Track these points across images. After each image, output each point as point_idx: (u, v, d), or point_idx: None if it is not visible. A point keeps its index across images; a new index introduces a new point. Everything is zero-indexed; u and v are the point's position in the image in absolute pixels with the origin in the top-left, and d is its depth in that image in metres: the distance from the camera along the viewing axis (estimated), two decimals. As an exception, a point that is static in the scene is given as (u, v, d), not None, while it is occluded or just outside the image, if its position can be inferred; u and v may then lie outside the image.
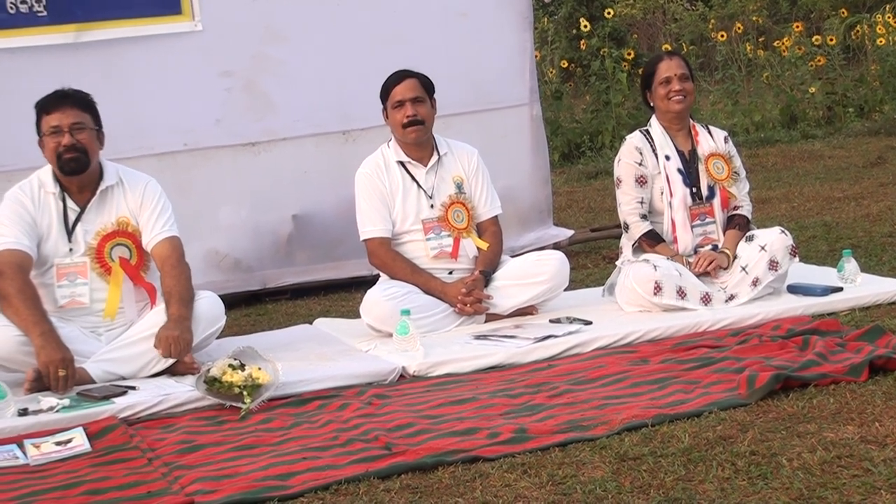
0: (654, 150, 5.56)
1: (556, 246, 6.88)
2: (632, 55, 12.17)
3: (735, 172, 5.63)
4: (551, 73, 13.12)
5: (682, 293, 5.26)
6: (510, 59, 7.11)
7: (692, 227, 5.50)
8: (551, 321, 5.28)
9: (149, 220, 5.05)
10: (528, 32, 7.20)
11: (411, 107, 5.44)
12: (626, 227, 5.56)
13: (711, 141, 5.65)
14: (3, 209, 4.98)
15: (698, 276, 5.39)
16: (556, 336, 5.00)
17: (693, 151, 5.60)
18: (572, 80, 13.27)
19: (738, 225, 5.56)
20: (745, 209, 5.63)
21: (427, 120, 5.49)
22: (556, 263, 5.51)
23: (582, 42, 12.48)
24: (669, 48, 13.20)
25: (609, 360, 4.70)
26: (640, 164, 5.53)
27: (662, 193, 5.52)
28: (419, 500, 3.41)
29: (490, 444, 3.77)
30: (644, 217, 5.52)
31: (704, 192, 5.55)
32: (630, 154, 5.56)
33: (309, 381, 4.67)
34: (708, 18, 14.12)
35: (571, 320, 5.24)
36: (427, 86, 5.54)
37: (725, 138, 5.72)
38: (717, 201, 5.55)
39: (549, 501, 3.31)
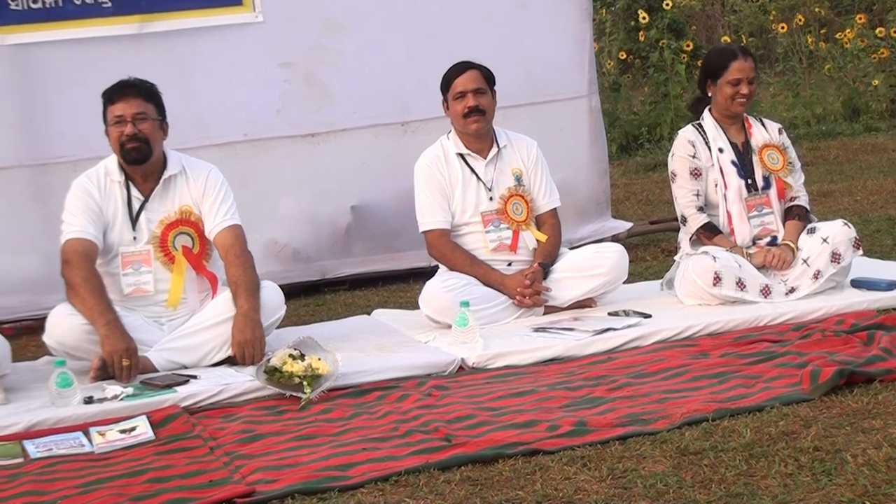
0: (706, 143, 5.52)
1: (615, 238, 6.85)
2: (690, 47, 12.08)
3: (790, 163, 5.58)
4: (609, 64, 13.05)
5: (741, 285, 5.23)
6: (569, 51, 7.09)
7: (749, 218, 5.46)
8: (610, 314, 5.26)
9: (211, 208, 5.08)
10: (587, 23, 7.17)
11: (473, 97, 5.43)
12: (684, 220, 5.53)
13: (765, 132, 5.61)
14: (70, 198, 5.03)
15: (759, 268, 5.35)
16: (615, 329, 4.99)
17: (746, 143, 5.57)
18: (630, 71, 13.19)
19: (797, 216, 5.51)
20: (803, 199, 5.58)
21: (488, 111, 5.48)
22: (616, 256, 5.48)
23: (640, 33, 12.40)
24: (728, 40, 13.08)
25: (669, 354, 4.67)
26: (694, 157, 5.50)
27: (717, 186, 5.48)
28: (479, 493, 3.40)
29: (550, 437, 3.76)
30: (701, 209, 5.48)
31: (760, 182, 5.50)
32: (683, 147, 5.53)
33: (368, 371, 4.68)
34: (768, 10, 13.98)
35: (631, 313, 5.21)
36: (488, 77, 5.53)
37: (780, 130, 5.68)
38: (773, 192, 5.51)
39: (610, 495, 3.30)
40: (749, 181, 5.49)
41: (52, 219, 5.59)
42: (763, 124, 5.66)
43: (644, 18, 12.04)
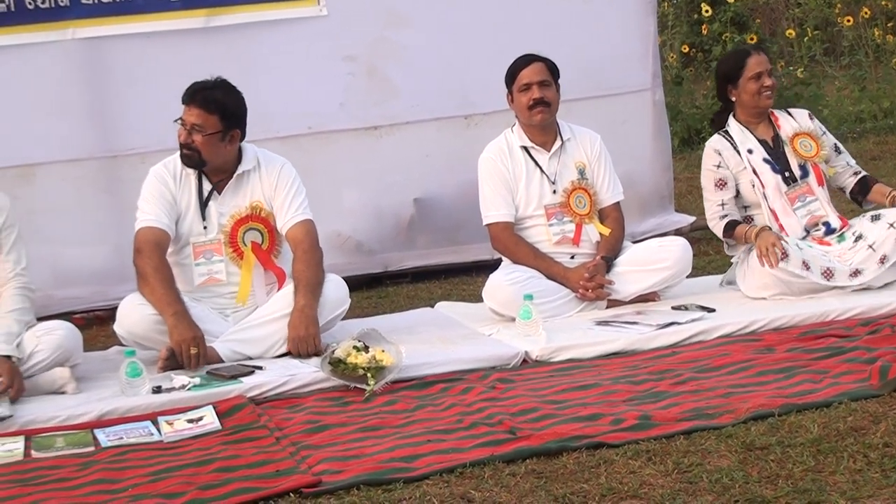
0: (735, 148, 5.48)
1: (678, 232, 6.82)
2: (754, 40, 11.95)
3: (831, 147, 5.57)
4: (671, 58, 12.96)
5: (805, 265, 5.19)
6: (633, 44, 7.05)
7: (794, 210, 5.42)
8: (674, 308, 5.23)
9: (283, 203, 5.12)
10: (652, 17, 7.14)
11: (538, 89, 5.43)
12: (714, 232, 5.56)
13: (794, 122, 5.59)
14: (146, 186, 5.09)
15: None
16: (678, 323, 4.97)
17: (776, 137, 5.53)
18: (693, 65, 13.09)
19: (874, 182, 5.54)
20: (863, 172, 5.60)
21: (553, 103, 5.48)
22: (679, 250, 5.46)
23: (703, 27, 12.31)
24: (793, 33, 12.96)
25: (733, 349, 4.64)
26: (719, 167, 5.47)
27: (754, 186, 5.43)
28: (544, 485, 3.41)
29: (614, 431, 3.76)
30: (724, 217, 5.46)
31: (797, 172, 5.47)
32: (708, 158, 5.52)
33: (432, 364, 4.70)
34: (833, 3, 13.81)
35: (694, 307, 5.19)
36: (553, 70, 5.53)
37: (809, 116, 5.67)
38: (812, 179, 5.48)
39: (675, 489, 3.29)
40: (786, 174, 5.45)
41: (121, 210, 5.69)
42: (790, 114, 5.63)
43: (707, 12, 11.94)
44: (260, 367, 4.70)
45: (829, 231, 5.42)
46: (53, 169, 6.10)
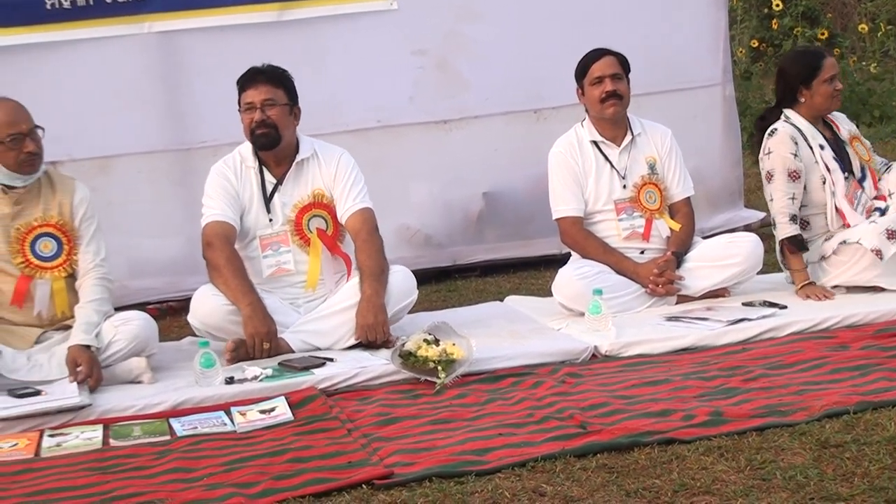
0: (806, 141, 5.42)
1: (748, 228, 6.76)
2: (825, 35, 11.86)
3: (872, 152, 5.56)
4: (741, 52, 12.87)
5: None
6: (703, 39, 7.02)
7: (854, 209, 5.37)
8: (744, 304, 5.20)
9: (342, 191, 5.15)
10: (723, 11, 7.10)
11: (611, 82, 5.43)
12: (774, 225, 5.43)
13: (846, 125, 5.57)
14: (209, 182, 5.16)
15: None
16: (749, 319, 4.94)
17: (836, 137, 5.47)
18: (762, 60, 12.99)
19: None
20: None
21: (625, 96, 5.48)
22: (750, 246, 5.42)
23: (773, 21, 12.21)
24: (866, 28, 12.80)
25: (806, 346, 4.61)
26: (796, 156, 5.36)
27: (825, 183, 5.36)
28: (616, 480, 3.41)
29: (685, 427, 3.75)
30: (794, 218, 5.36)
31: (857, 174, 5.42)
32: (785, 145, 5.36)
33: (502, 357, 4.71)
34: (907, -4, 13.64)
35: (765, 304, 5.16)
36: (624, 63, 5.52)
37: (849, 119, 5.64)
38: (868, 182, 5.44)
39: (748, 486, 3.28)
40: (848, 174, 5.40)
41: (194, 202, 5.72)
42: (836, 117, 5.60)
43: (778, 6, 11.85)
44: (331, 359, 4.74)
45: (882, 213, 5.35)
46: (129, 161, 6.20)
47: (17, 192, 4.80)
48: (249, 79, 5.10)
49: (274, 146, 5.09)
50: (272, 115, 5.03)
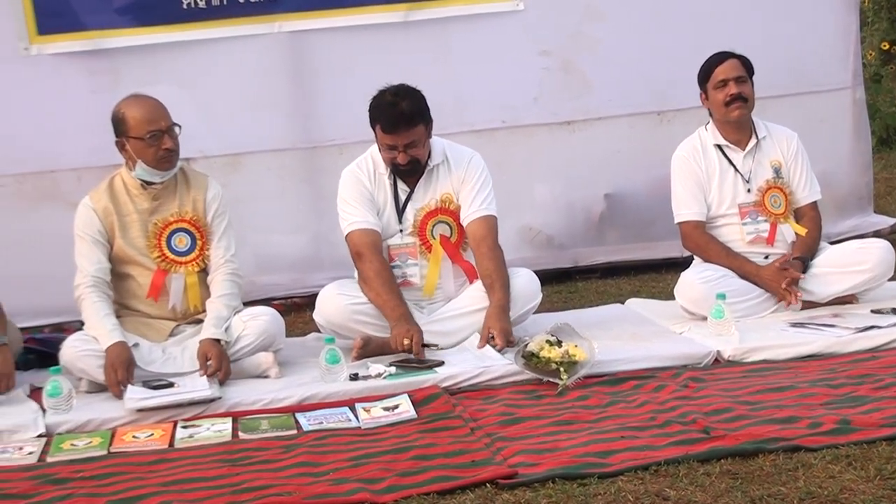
0: None
1: (877, 234, 6.66)
2: (959, 37, 11.58)
3: None
4: (870, 55, 12.63)
5: None
6: (833, 41, 6.90)
7: None
8: (873, 311, 5.12)
9: (469, 195, 5.17)
10: (854, 13, 6.97)
11: (735, 85, 5.39)
12: None
13: None
14: (345, 188, 5.19)
15: None
16: (879, 327, 4.86)
17: None
18: (893, 62, 12.72)
19: None
20: None
21: (750, 99, 5.43)
22: (881, 252, 5.34)
23: (905, 23, 11.96)
24: None
25: (940, 355, 4.53)
26: None
27: None
28: (740, 486, 3.39)
29: (812, 434, 3.71)
30: None
31: None
32: None
33: (623, 360, 4.70)
34: None
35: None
36: (748, 66, 5.48)
37: None
38: None
39: (878, 496, 3.24)
40: None
41: (320, 200, 5.85)
42: None
43: (909, 6, 11.60)
44: (442, 363, 4.74)
45: None
46: (258, 158, 6.31)
47: (155, 187, 4.93)
48: (390, 124, 4.98)
49: (418, 174, 5.15)
50: (416, 154, 5.05)
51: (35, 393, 4.74)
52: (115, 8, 6.05)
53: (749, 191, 5.46)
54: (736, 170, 5.47)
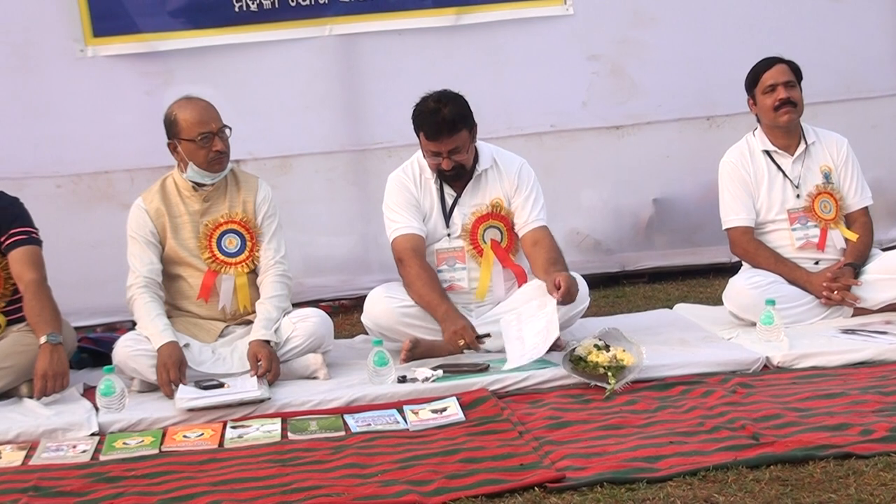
0: None
1: (929, 241, 6.63)
2: None
3: None
4: (921, 59, 12.54)
5: None
6: (885, 47, 6.88)
7: None
8: (926, 319, 5.09)
9: (523, 205, 5.18)
10: (906, 19, 6.95)
11: (784, 90, 5.37)
12: None
13: None
14: (390, 194, 5.22)
15: None
16: (932, 335, 4.83)
17: None
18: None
19: None
20: None
21: (798, 104, 5.41)
22: (936, 259, 5.31)
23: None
24: None
25: None
26: None
27: None
28: (790, 493, 3.37)
29: (863, 441, 3.68)
30: None
31: None
32: None
33: (671, 365, 4.69)
34: None
35: (949, 319, 5.05)
36: (797, 71, 5.47)
37: None
38: None
39: (929, 505, 3.23)
40: None
41: (368, 202, 5.87)
42: None
43: (962, 11, 11.49)
44: (487, 367, 4.74)
45: None
46: (308, 161, 6.37)
47: (206, 189, 4.97)
48: (433, 131, 4.99)
49: (462, 179, 5.16)
50: (460, 159, 5.06)
51: (88, 392, 4.79)
52: (169, 11, 6.13)
53: (798, 196, 5.44)
54: (785, 175, 5.45)
